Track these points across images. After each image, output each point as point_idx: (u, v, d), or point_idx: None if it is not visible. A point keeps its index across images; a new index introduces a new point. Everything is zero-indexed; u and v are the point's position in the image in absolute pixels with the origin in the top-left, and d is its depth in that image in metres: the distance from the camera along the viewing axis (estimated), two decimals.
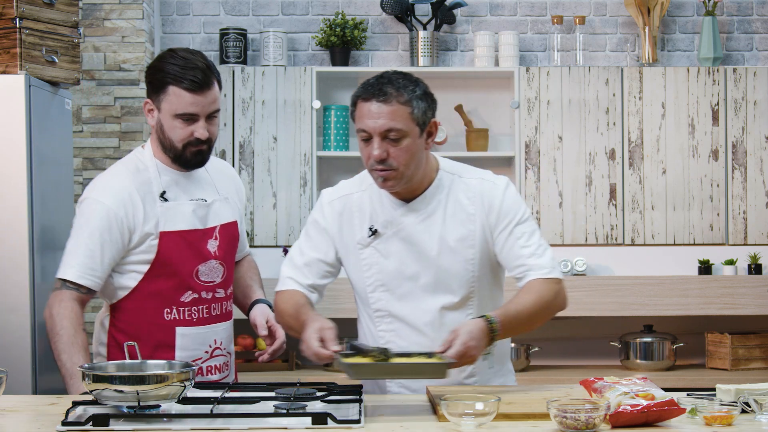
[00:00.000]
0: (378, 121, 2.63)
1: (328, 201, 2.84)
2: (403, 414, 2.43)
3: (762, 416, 2.29)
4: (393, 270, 2.76)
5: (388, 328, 2.80)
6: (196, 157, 2.89)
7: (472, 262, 2.75)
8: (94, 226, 2.84)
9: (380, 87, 2.64)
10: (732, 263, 5.08)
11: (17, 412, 2.46)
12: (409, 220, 2.75)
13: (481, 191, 2.76)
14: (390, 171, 2.65)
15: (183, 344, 2.89)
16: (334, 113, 5.10)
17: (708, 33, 5.14)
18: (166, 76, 2.83)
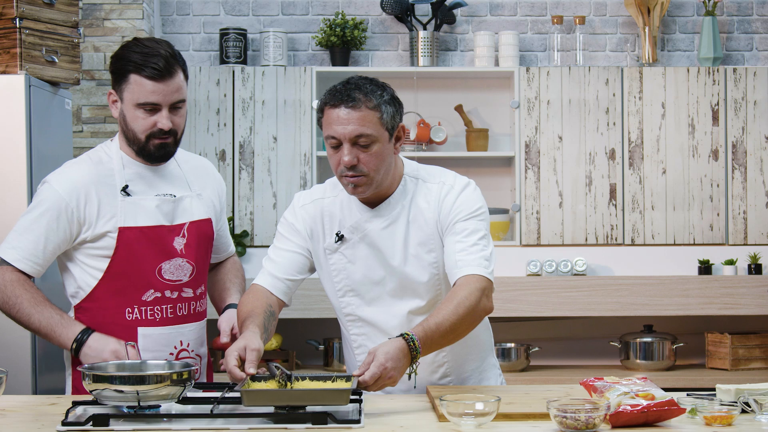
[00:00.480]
0: (348, 127, 2.61)
1: (300, 205, 2.82)
2: (403, 414, 2.43)
3: (762, 416, 2.29)
4: (360, 275, 2.75)
5: (359, 332, 2.80)
6: (159, 149, 2.79)
7: (435, 266, 2.75)
8: (42, 211, 2.77)
9: (348, 93, 2.62)
10: (732, 263, 5.08)
11: (17, 412, 2.46)
12: (373, 225, 2.74)
13: (438, 195, 2.76)
14: (360, 177, 2.64)
15: (145, 345, 2.78)
16: None
17: (708, 33, 5.14)
18: (127, 64, 2.74)
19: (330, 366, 4.95)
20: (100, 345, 2.70)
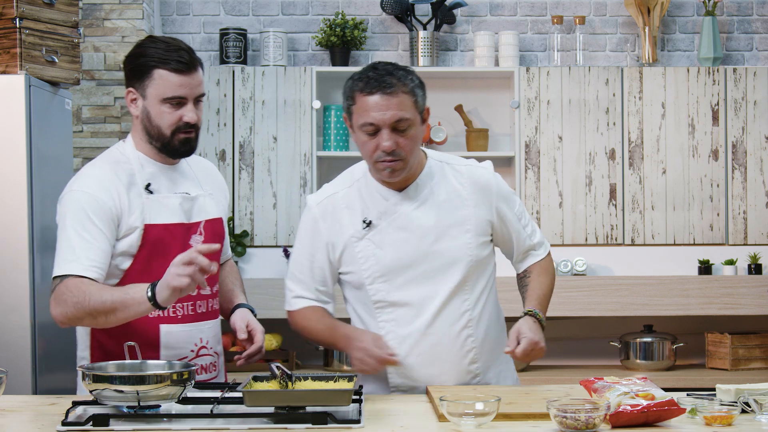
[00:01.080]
0: (387, 113, 2.65)
1: (315, 203, 2.84)
2: (403, 414, 2.43)
3: (762, 416, 2.29)
4: (390, 260, 2.77)
5: (389, 318, 2.79)
6: (184, 144, 2.79)
7: (469, 246, 2.78)
8: (83, 217, 2.72)
9: (383, 79, 2.66)
10: (732, 263, 5.08)
11: (17, 412, 2.46)
12: (403, 208, 2.77)
13: (471, 176, 2.84)
14: (398, 161, 2.69)
15: (168, 342, 2.77)
16: (334, 113, 5.10)
17: (708, 33, 5.14)
18: (150, 60, 2.73)
19: (330, 366, 4.95)
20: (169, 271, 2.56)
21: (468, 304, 2.79)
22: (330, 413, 2.25)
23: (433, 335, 2.76)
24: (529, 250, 2.92)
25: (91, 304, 2.61)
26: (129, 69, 2.79)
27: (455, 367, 2.79)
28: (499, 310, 2.93)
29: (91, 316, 2.63)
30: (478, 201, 2.81)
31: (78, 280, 2.65)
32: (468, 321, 2.79)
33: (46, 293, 3.73)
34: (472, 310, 2.80)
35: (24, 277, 3.61)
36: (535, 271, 2.91)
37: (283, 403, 2.29)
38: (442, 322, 2.76)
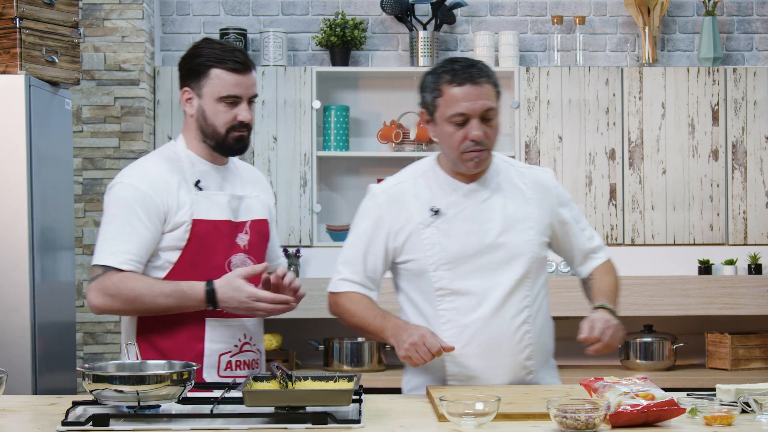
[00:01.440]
0: (478, 103, 2.75)
1: (381, 191, 2.92)
2: (403, 414, 2.43)
3: (762, 416, 2.29)
4: (455, 248, 2.83)
5: (450, 307, 2.84)
6: (238, 142, 2.88)
7: (532, 243, 2.86)
8: (128, 210, 2.78)
9: (469, 71, 2.76)
10: (732, 263, 5.08)
11: (17, 412, 2.46)
12: (471, 199, 2.85)
13: (533, 178, 2.93)
14: (484, 151, 2.79)
15: (212, 336, 2.84)
16: (334, 113, 5.10)
17: (708, 33, 5.14)
18: (207, 60, 2.83)
19: (330, 366, 4.95)
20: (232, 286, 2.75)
21: (528, 300, 2.87)
22: (330, 413, 2.25)
23: (493, 327, 2.83)
24: (589, 253, 2.99)
25: (144, 306, 2.75)
26: (185, 69, 2.88)
27: (512, 361, 2.85)
28: (549, 315, 3.00)
29: (138, 312, 2.79)
30: (540, 201, 2.90)
31: (122, 276, 2.75)
32: (527, 317, 2.87)
33: (46, 293, 3.73)
34: (532, 306, 2.88)
35: (24, 277, 3.61)
36: (599, 273, 2.98)
37: (283, 403, 2.29)
38: (503, 315, 2.83)
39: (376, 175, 5.25)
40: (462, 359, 2.82)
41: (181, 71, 2.91)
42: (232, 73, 2.83)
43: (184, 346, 2.81)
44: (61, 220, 3.94)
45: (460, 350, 2.81)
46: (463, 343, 2.81)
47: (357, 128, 5.27)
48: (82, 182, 4.75)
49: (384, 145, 5.19)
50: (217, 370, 2.84)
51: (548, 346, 2.97)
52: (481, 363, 2.82)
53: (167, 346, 2.81)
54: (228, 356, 2.86)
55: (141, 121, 4.79)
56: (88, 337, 4.72)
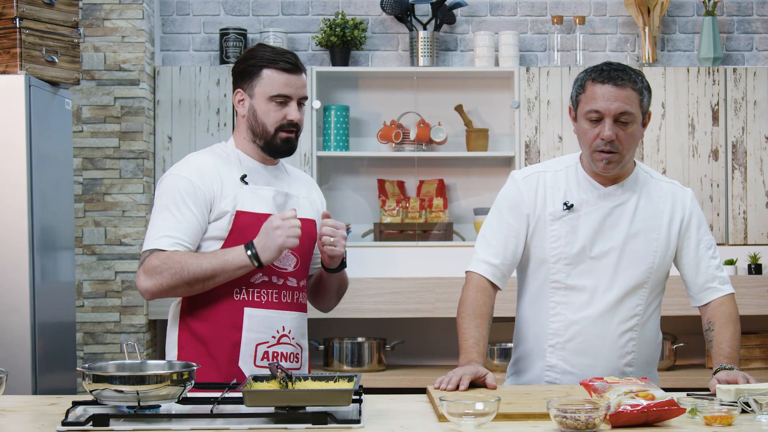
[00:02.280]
0: (614, 104, 2.79)
1: (522, 177, 2.97)
2: (403, 414, 2.43)
3: (762, 416, 2.29)
4: (579, 246, 2.89)
5: (561, 300, 2.91)
6: (286, 143, 2.94)
7: (654, 254, 2.91)
8: (177, 199, 2.85)
9: (615, 72, 2.80)
10: (732, 263, 5.08)
11: (17, 412, 2.46)
12: (605, 202, 2.90)
13: (672, 193, 2.97)
14: (614, 154, 2.82)
15: (250, 325, 2.88)
16: (334, 113, 5.10)
17: (708, 33, 5.14)
18: (259, 61, 2.93)
19: (330, 366, 4.95)
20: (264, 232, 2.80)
21: (639, 308, 2.91)
22: (330, 413, 2.25)
23: (599, 328, 2.88)
24: (710, 282, 2.96)
25: (190, 273, 2.79)
26: (238, 71, 2.98)
27: (611, 363, 2.90)
28: (659, 328, 3.03)
29: (188, 284, 2.81)
30: (671, 217, 2.93)
31: (168, 253, 2.82)
32: (635, 324, 2.91)
33: (46, 293, 3.73)
34: (642, 315, 2.92)
35: (24, 277, 3.61)
36: (719, 322, 2.91)
37: (283, 403, 2.29)
38: (611, 318, 2.88)
39: (376, 175, 5.25)
40: (563, 353, 2.91)
41: (234, 74, 3.00)
42: (283, 73, 2.92)
43: (222, 334, 2.87)
44: (61, 220, 3.94)
45: (564, 344, 2.90)
46: (567, 337, 2.90)
47: (357, 128, 5.27)
48: (82, 182, 4.75)
49: (384, 145, 5.19)
50: (254, 359, 2.88)
51: (652, 357, 3.01)
52: (581, 360, 2.90)
53: (206, 333, 2.87)
54: (265, 346, 2.90)
55: (141, 121, 4.79)
56: (88, 337, 4.72)
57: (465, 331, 2.85)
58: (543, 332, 2.94)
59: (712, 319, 2.92)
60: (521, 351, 3.02)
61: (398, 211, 5.12)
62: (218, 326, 2.88)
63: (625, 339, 2.90)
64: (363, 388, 2.56)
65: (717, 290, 2.95)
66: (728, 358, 2.80)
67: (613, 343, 2.89)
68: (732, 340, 2.87)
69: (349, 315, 4.92)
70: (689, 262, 2.96)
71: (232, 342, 2.87)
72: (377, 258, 5.17)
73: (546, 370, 2.94)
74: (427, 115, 5.22)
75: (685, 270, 2.98)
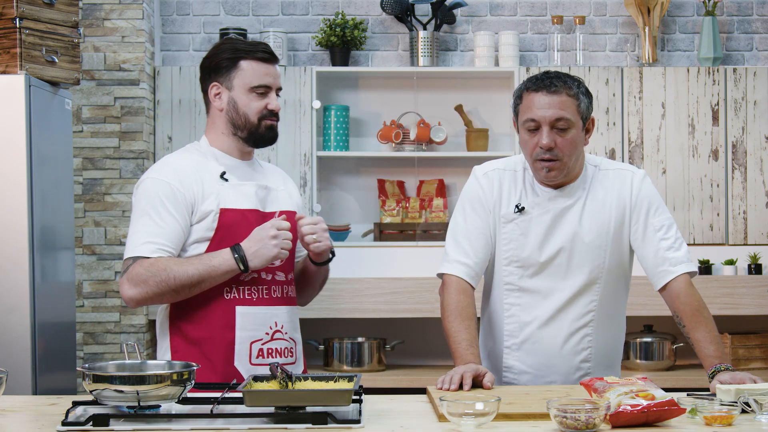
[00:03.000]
0: (549, 111, 2.78)
1: (482, 173, 2.96)
2: (403, 414, 2.43)
3: (762, 416, 2.29)
4: (530, 249, 2.89)
5: (515, 302, 2.92)
6: (270, 131, 2.94)
7: (604, 250, 2.90)
8: (157, 203, 2.82)
9: (549, 80, 2.80)
10: (732, 263, 5.08)
11: (17, 412, 2.46)
12: (555, 205, 2.89)
13: (619, 181, 2.92)
14: (555, 161, 2.80)
15: (243, 324, 2.86)
16: (334, 113, 5.10)
17: (708, 33, 5.14)
18: (235, 52, 2.91)
19: (330, 366, 4.95)
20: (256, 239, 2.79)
21: (594, 305, 2.91)
22: (330, 413, 2.25)
23: (552, 327, 2.90)
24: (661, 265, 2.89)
25: (177, 280, 2.76)
26: (213, 65, 2.95)
27: (566, 362, 2.91)
28: (623, 322, 3.03)
29: (174, 292, 2.78)
30: (618, 207, 2.90)
31: (152, 260, 2.78)
32: (590, 320, 2.91)
33: (46, 293, 3.73)
34: (597, 311, 2.92)
35: (24, 277, 3.61)
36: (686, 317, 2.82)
37: (283, 403, 2.29)
38: (564, 317, 2.89)
39: (376, 175, 5.25)
40: (518, 354, 2.93)
41: (205, 69, 2.97)
42: (262, 63, 2.92)
43: (216, 335, 2.85)
44: (61, 220, 3.94)
45: (519, 345, 2.91)
46: (521, 339, 2.92)
47: (357, 128, 5.27)
48: (82, 182, 4.75)
49: (384, 145, 5.19)
50: (249, 357, 2.87)
51: (612, 352, 3.00)
52: (535, 360, 2.91)
53: (199, 335, 2.85)
54: (259, 344, 2.89)
55: (141, 121, 4.79)
56: (88, 337, 4.72)
57: (456, 334, 2.83)
58: (500, 334, 2.96)
59: (678, 313, 2.84)
60: (485, 352, 3.03)
61: (398, 211, 5.12)
62: (211, 327, 2.85)
63: (580, 336, 2.91)
64: (363, 388, 2.56)
65: (668, 273, 2.88)
66: (718, 357, 2.76)
67: (566, 341, 2.90)
68: (711, 337, 2.79)
69: (349, 315, 4.92)
70: (639, 246, 2.92)
71: (227, 342, 2.85)
72: (377, 258, 5.17)
73: (504, 371, 2.95)
74: (427, 115, 5.22)
75: (638, 255, 2.95)
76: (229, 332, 2.86)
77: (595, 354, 2.93)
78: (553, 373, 2.92)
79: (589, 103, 2.85)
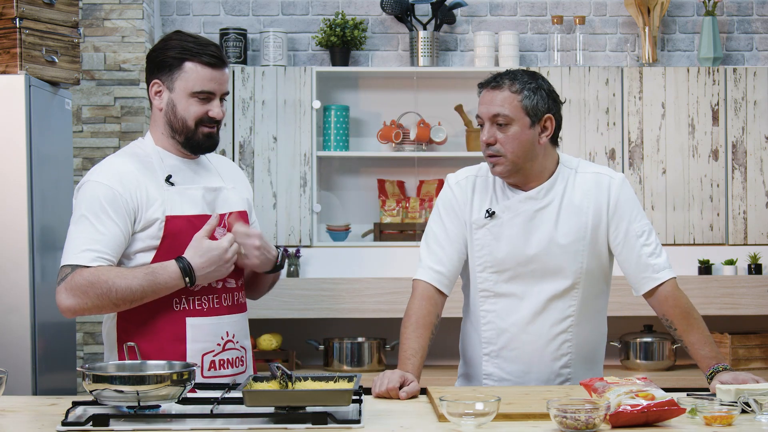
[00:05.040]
0: (489, 107, 2.79)
1: (455, 182, 2.95)
2: (403, 414, 2.43)
3: (762, 416, 2.29)
4: (504, 253, 2.86)
5: (491, 309, 2.90)
6: (208, 139, 2.79)
7: (582, 254, 2.86)
8: (97, 208, 2.69)
9: (499, 77, 2.81)
10: (732, 263, 5.08)
11: (17, 413, 2.46)
12: (526, 207, 2.86)
13: (596, 185, 2.89)
14: (498, 157, 2.80)
15: (194, 336, 2.75)
16: (334, 113, 5.10)
17: (708, 33, 5.14)
18: (182, 52, 2.75)
19: (330, 366, 4.95)
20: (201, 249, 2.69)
21: (572, 309, 2.88)
22: (330, 413, 2.25)
23: (530, 333, 2.87)
24: (643, 272, 2.88)
25: (118, 294, 2.64)
26: (157, 60, 2.79)
27: (546, 367, 2.89)
28: (604, 325, 3.01)
29: (114, 305, 2.67)
30: (597, 211, 2.87)
31: (92, 270, 2.65)
32: (569, 326, 2.88)
33: (46, 293, 3.73)
34: (576, 315, 2.88)
35: (24, 277, 3.61)
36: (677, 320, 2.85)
37: (283, 403, 2.29)
38: (542, 322, 2.87)
39: (376, 175, 5.25)
40: (498, 360, 2.90)
41: (150, 63, 2.81)
42: (207, 68, 2.75)
43: (166, 348, 2.73)
44: (61, 220, 3.93)
45: (498, 352, 2.89)
46: (500, 345, 2.89)
47: (357, 128, 5.27)
48: None
49: (384, 145, 5.19)
50: (201, 370, 2.76)
51: (593, 356, 2.97)
52: (515, 367, 2.89)
53: (149, 348, 2.72)
54: (211, 356, 2.78)
55: (141, 121, 4.79)
56: (88, 337, 4.72)
57: (404, 342, 2.84)
58: (478, 341, 2.94)
59: (667, 317, 2.86)
60: (466, 358, 3.03)
61: (398, 211, 5.12)
62: (160, 341, 2.73)
63: (559, 341, 2.88)
64: (363, 388, 2.56)
65: (651, 279, 2.88)
66: (714, 358, 2.76)
67: (545, 347, 2.87)
68: (704, 338, 2.80)
69: (349, 315, 4.92)
70: (620, 252, 2.89)
71: (178, 355, 2.73)
72: (377, 258, 5.17)
73: (483, 378, 2.93)
74: (427, 115, 5.22)
75: (618, 260, 2.91)
76: (180, 345, 2.75)
77: (575, 359, 2.90)
78: (533, 380, 2.89)
79: (541, 100, 2.80)
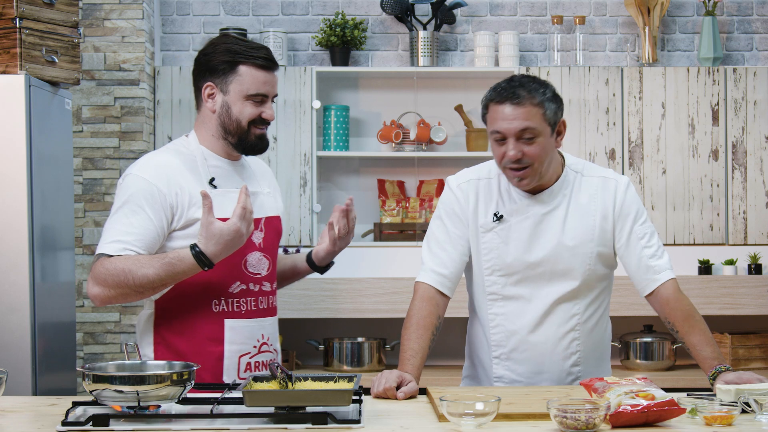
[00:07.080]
0: (513, 123, 2.75)
1: (456, 185, 2.94)
2: (403, 414, 2.43)
3: (762, 416, 2.29)
4: (512, 257, 2.86)
5: (500, 312, 2.91)
6: (260, 140, 2.84)
7: (589, 257, 2.88)
8: (133, 201, 2.71)
9: (513, 90, 2.77)
10: (732, 263, 5.08)
11: (17, 413, 2.46)
12: (534, 210, 2.86)
13: (602, 188, 2.91)
14: (526, 169, 2.78)
15: (232, 338, 2.79)
16: (334, 113, 5.10)
17: (708, 33, 5.14)
18: (236, 56, 2.79)
19: (330, 366, 4.95)
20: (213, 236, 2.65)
21: (578, 308, 2.90)
22: (330, 413, 2.25)
23: (539, 334, 2.88)
24: (648, 273, 2.89)
25: (136, 282, 2.66)
26: (209, 64, 2.82)
27: (557, 366, 2.90)
28: (608, 321, 3.02)
29: (137, 293, 2.69)
30: (603, 214, 2.89)
31: (113, 259, 2.68)
32: (576, 324, 2.90)
33: (46, 293, 3.73)
34: (582, 314, 2.90)
35: (24, 277, 3.61)
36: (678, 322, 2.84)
37: (283, 403, 2.29)
38: (549, 323, 2.88)
39: (376, 175, 5.25)
40: (509, 363, 2.92)
41: (200, 66, 2.84)
42: (261, 71, 2.81)
43: (202, 349, 2.76)
44: (61, 220, 3.94)
45: (508, 354, 2.91)
46: (510, 348, 2.91)
47: (357, 128, 5.27)
48: (82, 182, 4.75)
49: (384, 145, 5.19)
50: (237, 372, 2.80)
51: (601, 352, 3.00)
52: (526, 368, 2.90)
53: (185, 348, 2.77)
54: (247, 357, 2.83)
55: (141, 121, 4.79)
56: (88, 337, 4.72)
57: (405, 343, 2.84)
58: (487, 344, 2.95)
59: (669, 319, 2.86)
60: (473, 360, 3.03)
61: (398, 211, 5.12)
62: (197, 340, 2.77)
63: (568, 340, 2.90)
64: (363, 388, 2.56)
65: (653, 281, 2.89)
66: (716, 359, 2.76)
67: (555, 347, 2.89)
68: (706, 339, 2.80)
69: (349, 315, 4.92)
70: (624, 254, 2.91)
71: (215, 357, 2.78)
72: (377, 258, 5.17)
73: (495, 381, 2.94)
74: (427, 115, 5.22)
75: (622, 262, 2.94)
76: (218, 346, 2.79)
77: (584, 357, 2.92)
78: (545, 380, 2.90)
79: (558, 108, 2.82)
